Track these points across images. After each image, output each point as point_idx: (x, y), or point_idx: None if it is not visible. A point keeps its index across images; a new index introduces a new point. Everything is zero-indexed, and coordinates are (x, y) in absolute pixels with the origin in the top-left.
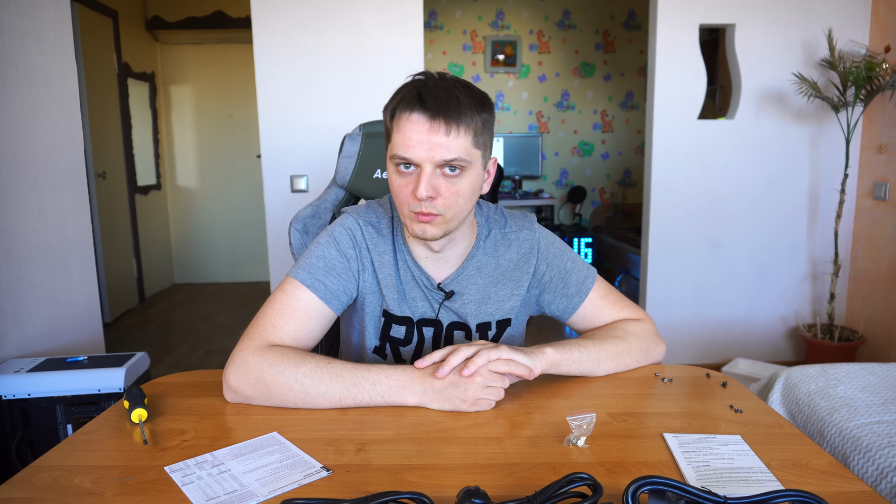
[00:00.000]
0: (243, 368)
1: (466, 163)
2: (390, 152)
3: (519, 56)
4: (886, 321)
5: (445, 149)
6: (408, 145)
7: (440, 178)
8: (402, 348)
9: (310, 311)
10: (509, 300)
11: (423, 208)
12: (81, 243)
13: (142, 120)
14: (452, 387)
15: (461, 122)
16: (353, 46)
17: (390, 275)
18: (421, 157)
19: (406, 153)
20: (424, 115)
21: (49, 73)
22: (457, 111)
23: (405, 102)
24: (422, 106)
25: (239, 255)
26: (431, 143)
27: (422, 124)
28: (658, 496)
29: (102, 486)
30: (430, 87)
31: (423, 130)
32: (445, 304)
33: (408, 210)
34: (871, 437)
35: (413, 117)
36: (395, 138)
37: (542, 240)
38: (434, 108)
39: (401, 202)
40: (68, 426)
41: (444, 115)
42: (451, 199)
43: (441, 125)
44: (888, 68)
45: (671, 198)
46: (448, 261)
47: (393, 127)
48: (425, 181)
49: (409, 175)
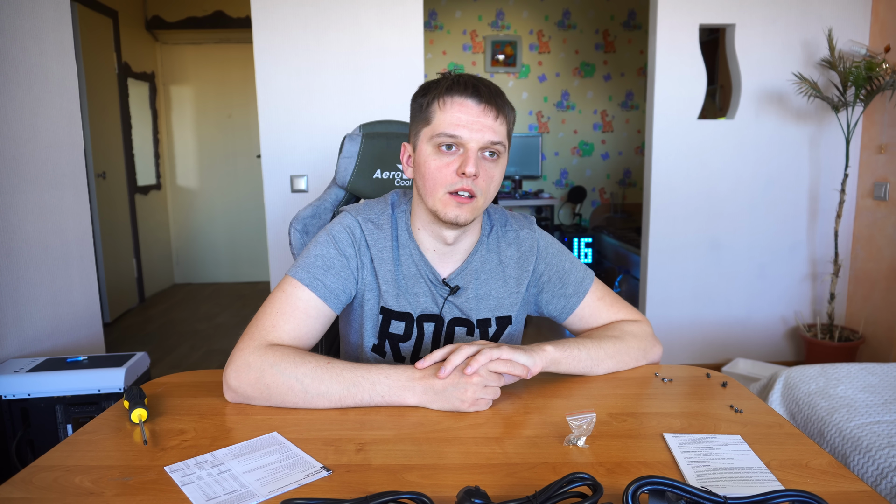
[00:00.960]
0: (244, 368)
1: (504, 148)
2: (435, 131)
3: (519, 56)
4: (886, 321)
5: (493, 131)
6: (458, 125)
7: (481, 161)
8: (401, 344)
9: (309, 310)
10: (509, 297)
11: (465, 185)
12: (81, 243)
13: (142, 120)
14: (452, 387)
15: (505, 110)
16: (353, 46)
17: (389, 270)
18: (470, 136)
19: (456, 131)
20: (476, 100)
21: (49, 73)
22: (502, 99)
23: (458, 87)
24: (475, 90)
25: (239, 255)
26: (481, 124)
27: (473, 107)
28: (658, 496)
29: (102, 486)
30: (476, 77)
31: (475, 113)
32: (449, 300)
33: (443, 192)
34: (871, 437)
35: (466, 101)
36: (440, 118)
37: (541, 240)
38: (486, 94)
39: (437, 183)
40: (68, 426)
41: (494, 102)
42: (488, 183)
43: (492, 110)
44: (888, 68)
45: (671, 198)
46: (454, 255)
47: (437, 108)
48: (473, 159)
49: (451, 155)
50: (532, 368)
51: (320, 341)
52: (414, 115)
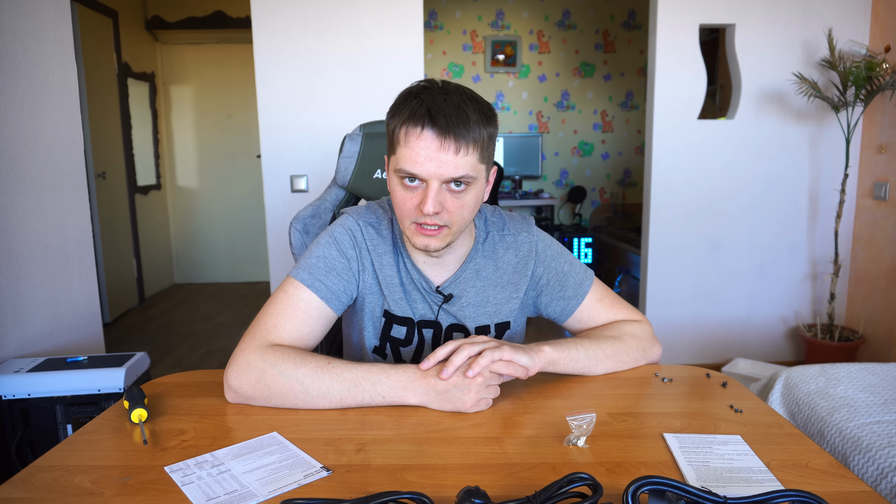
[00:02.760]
0: (244, 368)
1: (472, 178)
2: (395, 165)
3: (519, 56)
4: (886, 321)
5: (454, 167)
6: (416, 161)
7: (446, 193)
8: (402, 349)
9: (310, 310)
10: (508, 303)
11: (427, 220)
12: (81, 243)
13: (142, 120)
14: (455, 388)
15: (469, 140)
16: (353, 47)
17: (392, 276)
18: (429, 173)
19: (413, 169)
20: (434, 133)
21: (49, 73)
22: (466, 129)
23: (415, 118)
24: (432, 123)
25: (239, 255)
26: (440, 160)
27: (431, 141)
28: (658, 496)
29: (102, 486)
30: (440, 102)
31: (433, 148)
32: (444, 307)
33: (409, 223)
34: (871, 437)
35: (423, 134)
36: (401, 152)
37: (539, 242)
38: (444, 126)
39: (403, 214)
40: (68, 426)
41: (454, 133)
42: (457, 213)
43: (451, 144)
44: (888, 68)
45: (671, 198)
46: (446, 264)
47: (399, 140)
48: (432, 197)
49: (413, 189)
50: (530, 369)
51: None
52: (386, 132)
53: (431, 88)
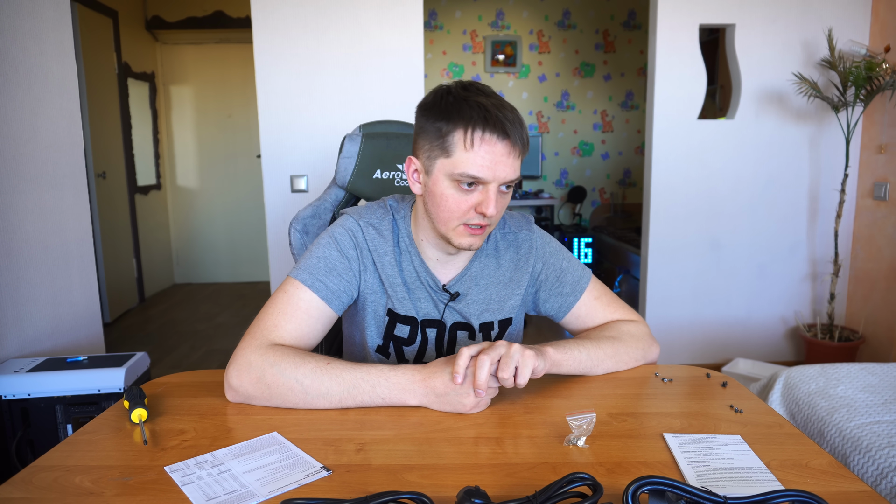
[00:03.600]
0: (245, 368)
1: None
2: (454, 169)
3: (519, 56)
4: (886, 321)
5: (513, 170)
6: (483, 166)
7: (498, 195)
8: (405, 348)
9: (311, 310)
10: (510, 299)
11: (481, 221)
12: (81, 243)
13: (142, 120)
14: (454, 392)
15: (524, 145)
16: (353, 47)
17: (394, 275)
18: (494, 177)
19: (481, 173)
20: (505, 139)
21: (49, 73)
22: (523, 135)
23: (488, 126)
24: (503, 130)
25: (239, 255)
26: (505, 164)
27: (499, 146)
28: (658, 496)
29: (102, 486)
30: (498, 107)
31: (500, 153)
32: (450, 305)
33: (457, 224)
34: (871, 437)
35: (497, 143)
36: (464, 156)
37: (538, 239)
38: (512, 132)
39: (452, 216)
40: (68, 426)
41: (519, 139)
42: (501, 213)
43: (517, 149)
44: (888, 68)
45: (671, 198)
46: (454, 262)
47: (460, 144)
48: (494, 200)
49: (470, 192)
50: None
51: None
52: (427, 134)
53: (475, 91)
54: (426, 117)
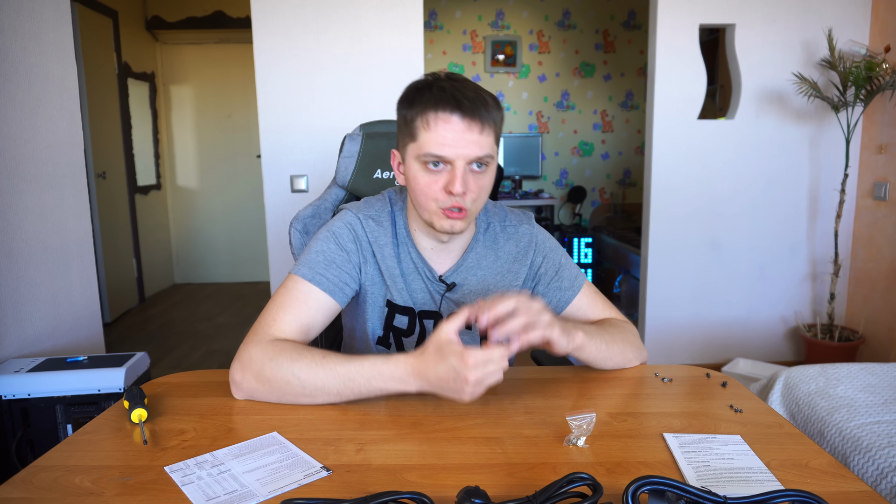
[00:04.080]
0: (247, 363)
1: (491, 158)
2: (420, 150)
3: (519, 56)
4: (886, 321)
5: (478, 146)
6: (444, 144)
7: (469, 174)
8: (404, 339)
9: (309, 301)
10: (508, 290)
11: (454, 202)
12: (81, 243)
13: (142, 120)
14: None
15: (489, 121)
16: (353, 46)
17: (393, 266)
18: (457, 154)
19: (441, 151)
20: (461, 115)
21: (49, 73)
22: (486, 110)
23: (442, 103)
24: (459, 107)
25: (239, 255)
26: (466, 141)
27: (457, 123)
28: (658, 496)
29: (102, 486)
30: (460, 88)
31: (459, 130)
32: (447, 296)
33: (435, 206)
34: (871, 437)
35: (451, 118)
36: (426, 137)
37: (539, 234)
38: (470, 108)
39: (427, 198)
40: (68, 426)
41: (479, 115)
42: (478, 194)
43: (476, 124)
44: (888, 68)
45: (671, 198)
46: (450, 252)
47: (423, 126)
48: (460, 177)
49: (438, 173)
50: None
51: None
52: (399, 125)
53: (443, 78)
54: (398, 109)
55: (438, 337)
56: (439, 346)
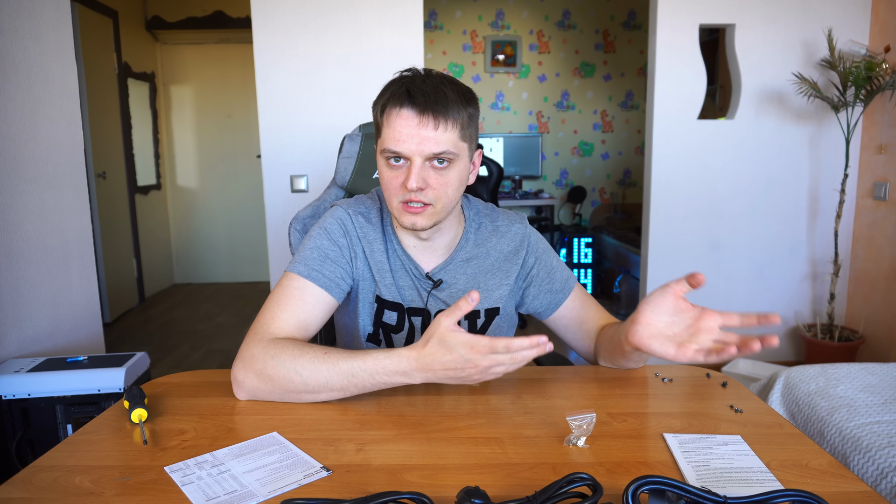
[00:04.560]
0: (249, 361)
1: (454, 155)
2: (380, 146)
3: (519, 56)
4: (886, 321)
5: (434, 142)
6: (398, 139)
7: (429, 171)
8: (393, 335)
9: (306, 297)
10: (498, 289)
11: (412, 197)
12: (81, 243)
13: (142, 120)
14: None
15: (448, 117)
16: (353, 47)
17: (382, 262)
18: (411, 150)
19: (396, 147)
20: (413, 111)
21: (49, 73)
22: (444, 106)
23: (395, 98)
24: (411, 101)
25: (239, 255)
26: (421, 136)
27: (411, 119)
28: (658, 496)
29: (102, 486)
30: (418, 83)
31: (413, 125)
32: (434, 293)
33: (397, 202)
34: (871, 437)
35: (403, 112)
36: (385, 133)
37: (532, 235)
38: (423, 103)
39: (391, 194)
40: (68, 426)
41: (432, 110)
42: (441, 190)
43: (430, 120)
44: (888, 68)
45: (671, 198)
46: (436, 250)
47: (383, 122)
48: (415, 173)
49: (399, 168)
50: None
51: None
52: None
53: (413, 74)
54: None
55: (439, 330)
56: (442, 338)
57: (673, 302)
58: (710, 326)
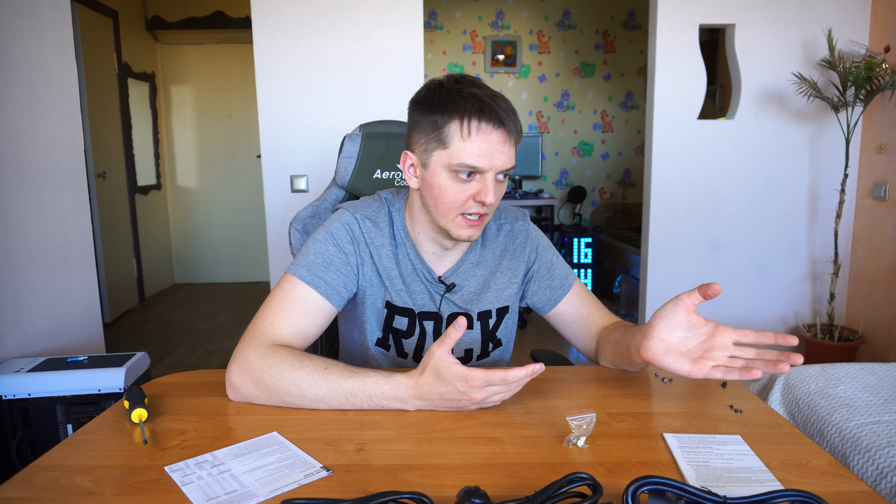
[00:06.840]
0: (245, 367)
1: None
2: (453, 160)
3: (519, 56)
4: (886, 321)
5: (509, 158)
6: (480, 154)
7: (494, 183)
8: (404, 340)
9: (308, 305)
10: (507, 288)
11: (479, 209)
12: (81, 243)
13: (142, 120)
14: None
15: (518, 134)
16: (353, 47)
17: (391, 267)
18: (493, 166)
19: (477, 162)
20: (501, 128)
21: (49, 73)
22: (517, 123)
23: (481, 114)
24: (498, 119)
25: (239, 255)
26: (502, 153)
27: (494, 135)
28: (658, 496)
29: (102, 486)
30: (492, 97)
31: (495, 142)
32: (446, 297)
33: (456, 214)
34: (871, 437)
35: (491, 129)
36: (461, 146)
37: (533, 231)
38: (507, 121)
39: (451, 207)
40: (68, 426)
41: (514, 128)
42: (497, 203)
43: (511, 137)
44: (888, 68)
45: (671, 198)
46: (450, 254)
47: (457, 135)
48: (493, 188)
49: (467, 182)
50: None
51: (320, 341)
52: (423, 128)
53: (464, 82)
54: (420, 111)
55: (433, 360)
56: (436, 368)
57: (685, 316)
58: (724, 343)
